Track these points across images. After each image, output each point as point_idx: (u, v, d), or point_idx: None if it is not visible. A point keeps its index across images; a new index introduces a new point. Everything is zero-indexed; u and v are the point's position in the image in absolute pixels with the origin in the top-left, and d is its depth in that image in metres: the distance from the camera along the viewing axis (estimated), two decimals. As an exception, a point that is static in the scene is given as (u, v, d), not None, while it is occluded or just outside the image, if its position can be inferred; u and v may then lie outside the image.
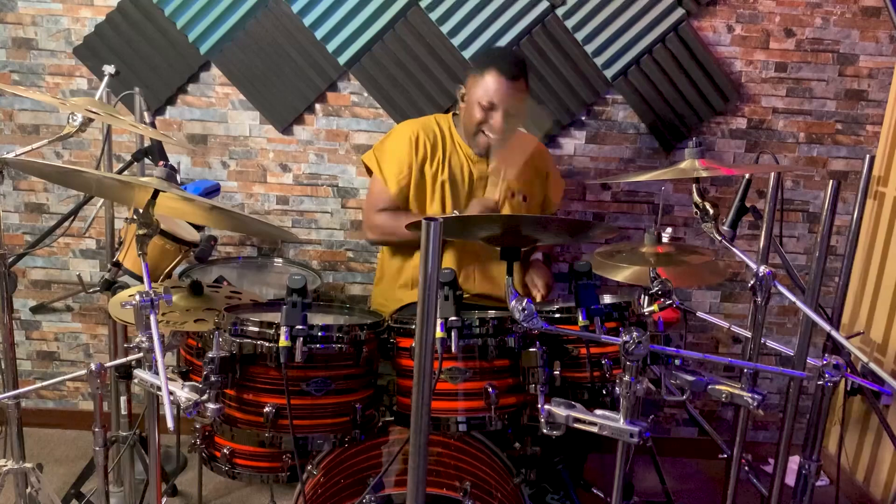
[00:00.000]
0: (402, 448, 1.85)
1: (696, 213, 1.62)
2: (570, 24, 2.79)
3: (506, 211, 2.46)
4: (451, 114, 2.55)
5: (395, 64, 2.82)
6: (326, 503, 1.80)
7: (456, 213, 2.42)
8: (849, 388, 2.46)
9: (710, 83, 2.84)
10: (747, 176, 2.08)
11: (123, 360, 1.66)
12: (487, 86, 2.29)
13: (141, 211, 1.56)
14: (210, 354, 1.61)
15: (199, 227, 2.31)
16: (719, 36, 2.83)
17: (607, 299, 2.11)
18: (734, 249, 1.56)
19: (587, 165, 2.95)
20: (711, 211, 1.59)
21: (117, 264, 2.03)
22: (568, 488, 2.32)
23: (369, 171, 2.54)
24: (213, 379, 1.59)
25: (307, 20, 2.78)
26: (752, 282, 1.53)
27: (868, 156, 2.02)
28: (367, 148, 2.85)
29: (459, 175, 2.45)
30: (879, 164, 2.90)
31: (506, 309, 1.55)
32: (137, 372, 1.53)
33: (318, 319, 1.84)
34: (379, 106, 2.88)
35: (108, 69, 2.25)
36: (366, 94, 2.87)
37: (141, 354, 1.54)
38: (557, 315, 1.88)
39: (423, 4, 2.77)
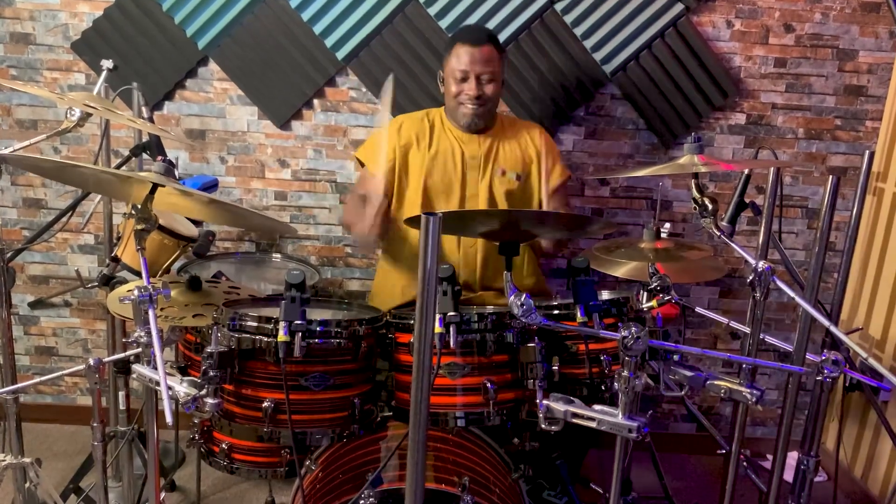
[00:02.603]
0: (400, 443, 1.85)
1: (695, 208, 1.61)
2: (568, 19, 2.79)
3: (499, 189, 2.45)
4: (442, 106, 2.55)
5: (394, 59, 2.82)
6: (325, 498, 1.80)
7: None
8: (847, 384, 2.46)
9: (709, 79, 2.84)
10: (746, 171, 2.08)
11: (122, 355, 1.66)
12: (456, 57, 2.36)
13: (139, 206, 1.55)
14: (208, 349, 1.61)
15: (197, 223, 2.31)
16: (718, 31, 2.82)
17: (606, 295, 2.12)
18: (733, 245, 1.56)
19: (586, 161, 2.95)
20: (710, 206, 1.59)
21: (115, 259, 2.02)
22: (566, 484, 2.33)
23: (362, 165, 2.55)
24: (211, 374, 1.59)
25: (305, 15, 2.77)
26: (750, 277, 1.52)
27: (867, 152, 2.02)
28: (366, 143, 2.88)
29: (451, 157, 2.45)
30: (879, 160, 2.90)
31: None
32: (136, 367, 1.53)
33: (316, 315, 1.83)
34: (377, 101, 2.87)
35: (106, 64, 2.25)
36: (364, 90, 2.87)
37: (139, 349, 1.54)
38: (556, 311, 1.88)
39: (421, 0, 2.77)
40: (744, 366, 1.60)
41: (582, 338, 1.85)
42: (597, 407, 1.41)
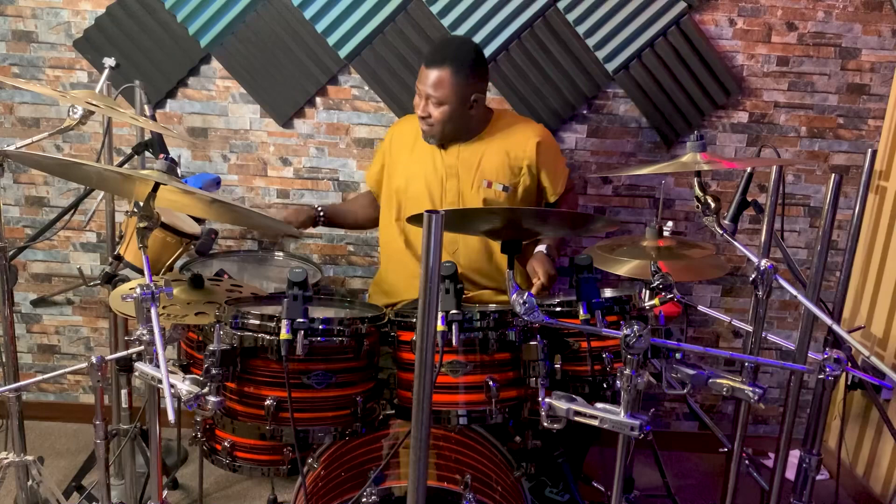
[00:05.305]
0: (402, 441, 1.86)
1: (698, 206, 1.61)
2: (571, 17, 2.79)
3: (476, 199, 2.42)
4: None
5: (396, 57, 2.82)
6: (327, 496, 1.80)
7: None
8: (849, 383, 2.46)
9: (711, 77, 2.83)
10: (749, 170, 2.07)
11: (124, 353, 1.66)
12: (419, 73, 2.33)
13: (142, 204, 1.56)
14: (211, 347, 1.61)
15: (199, 221, 2.31)
16: (721, 29, 2.82)
17: (608, 293, 2.12)
18: (735, 243, 1.56)
19: (588, 159, 2.95)
20: (713, 205, 1.59)
21: (118, 257, 2.03)
22: (568, 482, 2.33)
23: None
24: (213, 372, 1.59)
25: (308, 13, 2.77)
26: (753, 276, 1.52)
27: (870, 150, 2.02)
28: (368, 142, 2.90)
29: (431, 163, 2.44)
30: (881, 159, 2.89)
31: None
32: (138, 365, 1.53)
33: (318, 313, 1.84)
34: (380, 99, 2.87)
35: (109, 62, 2.25)
36: (366, 88, 2.87)
37: (142, 347, 1.54)
38: (558, 308, 1.88)
39: (424, -3, 2.77)
40: (746, 364, 1.60)
41: (584, 335, 1.85)
42: (599, 405, 1.41)
